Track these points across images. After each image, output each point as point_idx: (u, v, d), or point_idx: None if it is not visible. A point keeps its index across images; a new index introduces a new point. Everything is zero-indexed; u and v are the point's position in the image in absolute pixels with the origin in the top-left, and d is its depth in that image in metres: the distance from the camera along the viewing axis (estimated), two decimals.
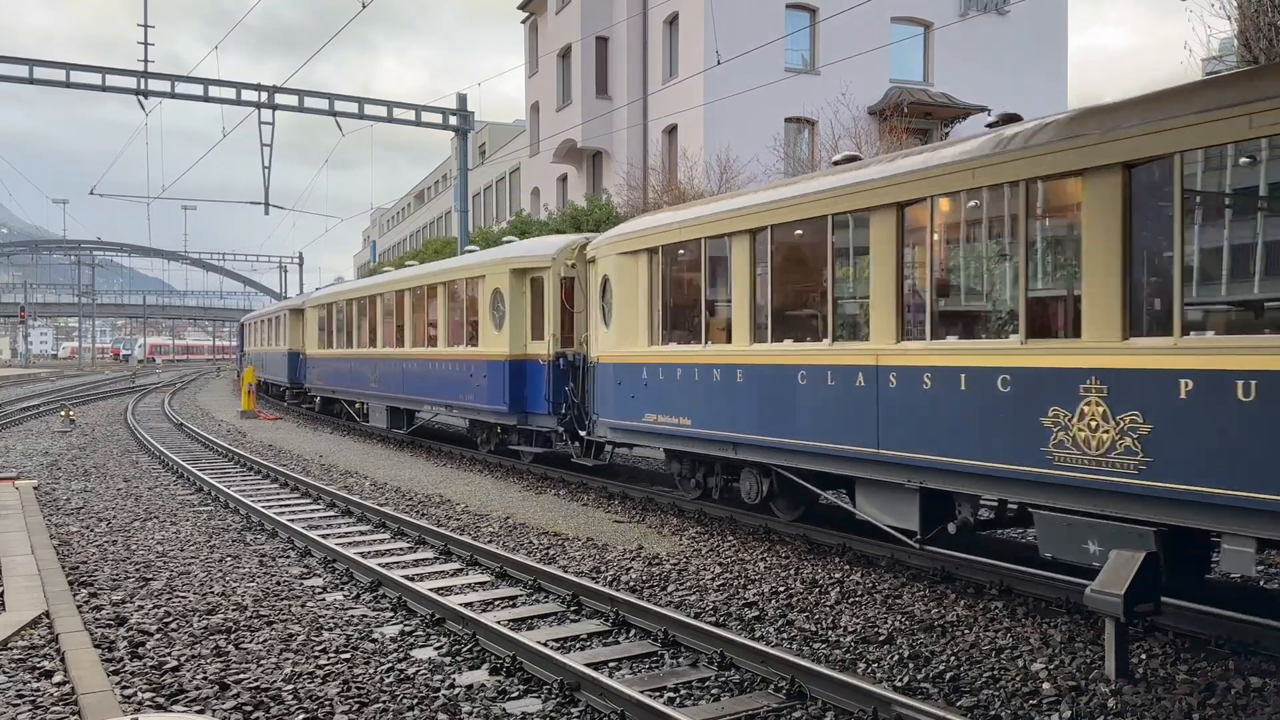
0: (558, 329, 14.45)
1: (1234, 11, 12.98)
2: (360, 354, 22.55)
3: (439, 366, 17.71)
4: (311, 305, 27.54)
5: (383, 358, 20.80)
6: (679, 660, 6.51)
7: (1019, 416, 6.81)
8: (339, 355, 24.50)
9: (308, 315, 27.79)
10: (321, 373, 26.33)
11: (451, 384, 17.04)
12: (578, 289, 14.34)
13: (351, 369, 23.17)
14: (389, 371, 20.31)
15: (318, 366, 26.70)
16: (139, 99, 25.86)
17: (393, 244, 75.03)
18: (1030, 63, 31.32)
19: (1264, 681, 5.85)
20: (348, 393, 23.90)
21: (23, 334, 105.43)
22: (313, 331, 27.06)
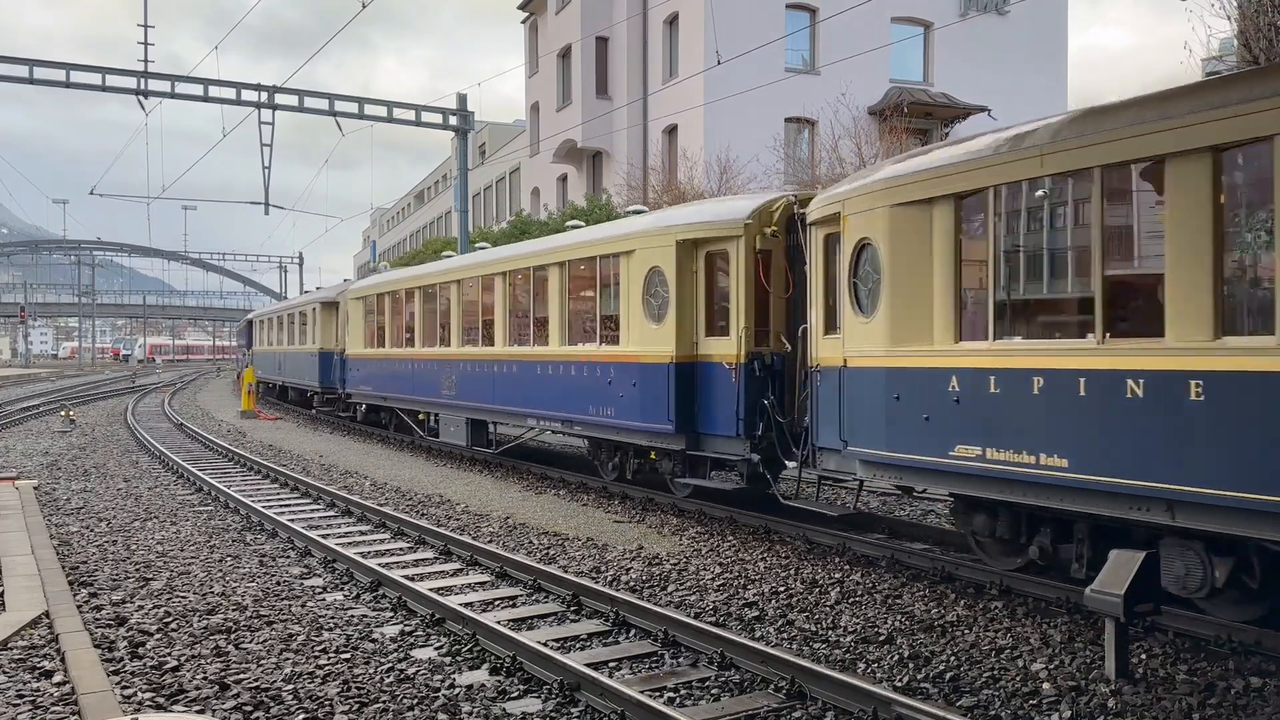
0: (750, 321, 10.59)
1: (1234, 11, 12.99)
2: (428, 354, 18.32)
3: (555, 371, 13.76)
4: (354, 296, 22.78)
5: (465, 359, 16.74)
6: (679, 660, 6.50)
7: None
8: (394, 356, 20.06)
9: (348, 309, 23.39)
10: (367, 376, 21.79)
11: (575, 393, 13.15)
12: (774, 265, 10.66)
13: (414, 372, 18.86)
14: (473, 376, 16.32)
15: (362, 369, 22.15)
16: (139, 99, 25.85)
17: (393, 244, 75.04)
18: (1030, 63, 31.32)
19: (1264, 681, 5.86)
20: (407, 401, 19.55)
21: (23, 334, 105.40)
22: (355, 327, 22.60)
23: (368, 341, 21.96)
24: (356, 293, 22.86)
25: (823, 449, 9.36)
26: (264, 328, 36.74)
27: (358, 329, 22.57)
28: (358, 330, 22.55)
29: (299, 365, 29.19)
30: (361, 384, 22.27)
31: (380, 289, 21.27)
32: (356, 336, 22.62)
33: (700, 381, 11.13)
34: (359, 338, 22.40)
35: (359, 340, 22.39)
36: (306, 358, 27.92)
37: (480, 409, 16.24)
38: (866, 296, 8.54)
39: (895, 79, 30.17)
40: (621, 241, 12.48)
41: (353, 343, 22.80)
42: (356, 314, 22.70)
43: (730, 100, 26.27)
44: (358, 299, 22.61)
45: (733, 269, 10.76)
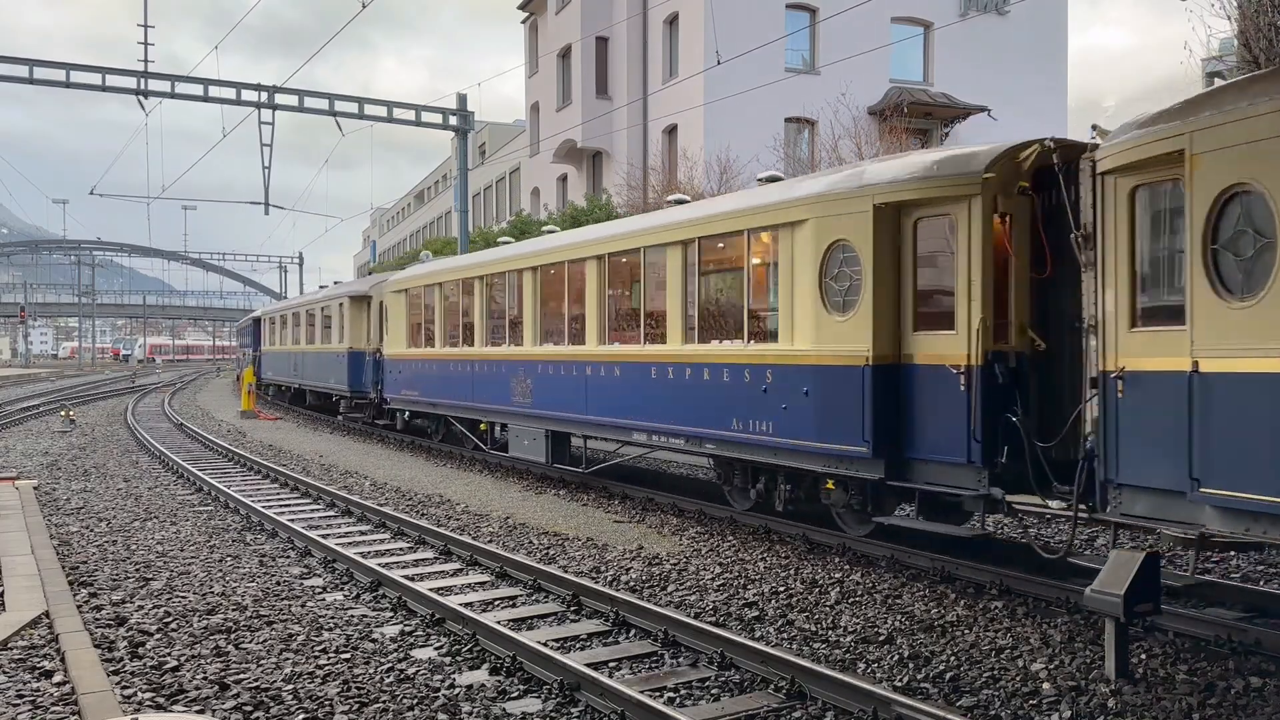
0: (987, 310, 7.94)
1: (1234, 11, 12.99)
2: (494, 354, 15.73)
3: (676, 376, 11.17)
4: (395, 289, 20.06)
5: (545, 360, 14.12)
6: (679, 660, 6.50)
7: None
8: (449, 356, 17.43)
9: (386, 303, 20.77)
10: (412, 379, 18.93)
11: (707, 403, 10.60)
12: (1018, 235, 8.05)
13: (475, 375, 16.27)
14: (555, 380, 13.75)
15: (404, 371, 19.30)
16: (139, 99, 25.86)
17: (393, 244, 75.06)
18: (1030, 63, 31.33)
19: (1264, 681, 5.86)
20: (465, 408, 16.89)
21: (23, 334, 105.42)
22: (397, 324, 19.81)
23: (413, 340, 19.28)
24: (398, 285, 19.99)
25: (1127, 487, 6.73)
26: (275, 326, 33.77)
27: (399, 326, 19.75)
28: (399, 327, 19.73)
29: (322, 367, 26.25)
30: (405, 388, 19.38)
31: (430, 279, 18.44)
32: (398, 334, 19.77)
33: (908, 390, 8.46)
34: (400, 336, 19.64)
35: (400, 339, 19.64)
36: (331, 359, 25.12)
37: (565, 420, 13.65)
38: (1246, 271, 5.93)
39: (895, 79, 30.18)
40: (782, 210, 9.68)
41: (392, 342, 20.04)
42: (398, 309, 19.83)
43: (730, 100, 26.27)
44: (399, 292, 19.83)
45: (960, 240, 8.04)
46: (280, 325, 32.79)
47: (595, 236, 13.51)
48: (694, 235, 11.14)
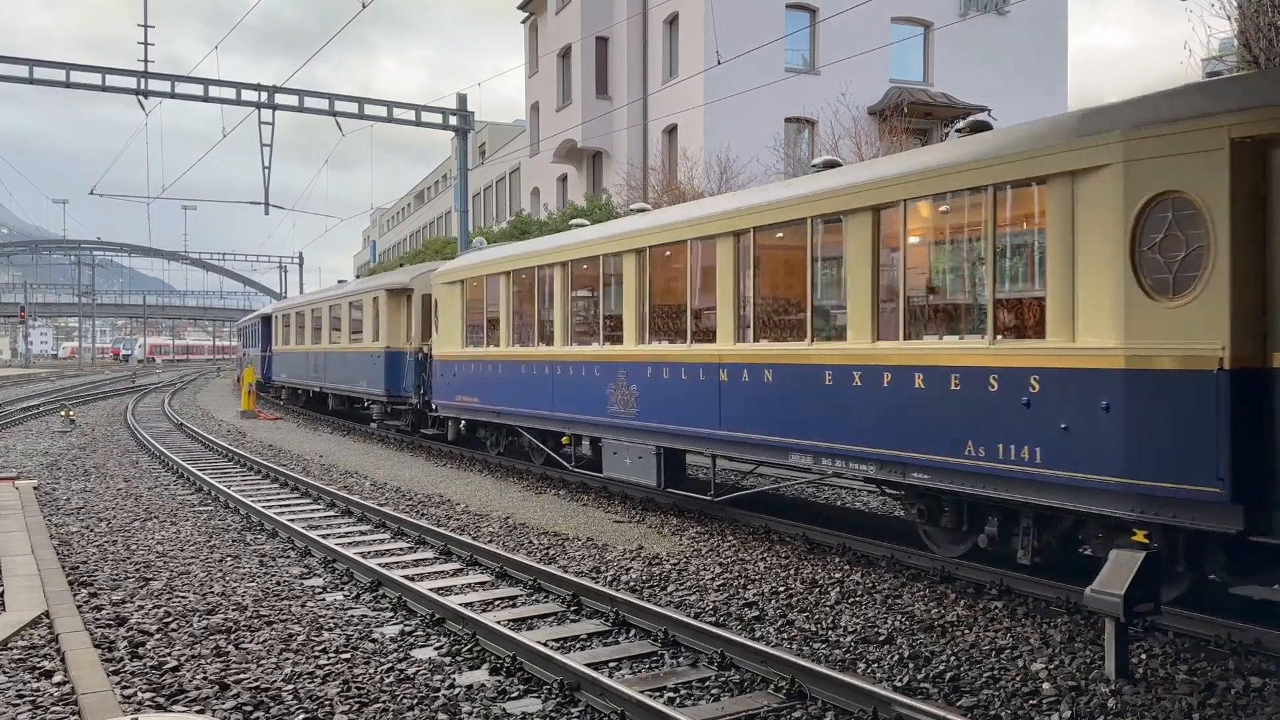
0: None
1: (1234, 11, 12.99)
2: (584, 355, 13.00)
3: (866, 382, 8.53)
4: (446, 280, 17.41)
5: (654, 360, 11.49)
6: (679, 660, 6.50)
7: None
8: (519, 357, 14.67)
9: (435, 296, 17.95)
10: (471, 383, 16.25)
11: (913, 418, 8.05)
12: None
13: (556, 379, 13.58)
14: (671, 387, 11.15)
15: (460, 374, 16.63)
16: (139, 99, 25.86)
17: (393, 244, 75.07)
18: (1030, 63, 31.34)
19: (1264, 681, 5.86)
20: (541, 419, 14.17)
21: (23, 334, 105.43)
22: (450, 320, 17.15)
23: (470, 338, 16.54)
24: (451, 275, 17.26)
25: None
26: (289, 325, 31.18)
27: (453, 322, 17.09)
28: (453, 324, 17.07)
29: (350, 368, 23.31)
30: (461, 393, 16.63)
31: (495, 268, 15.71)
32: (451, 332, 17.09)
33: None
34: (455, 333, 16.98)
35: (454, 337, 16.98)
36: (363, 360, 22.19)
37: (685, 435, 11.01)
38: None
39: (895, 79, 30.19)
40: (1052, 156, 7.00)
41: (445, 340, 17.32)
42: (451, 303, 17.19)
43: (730, 100, 26.28)
44: (452, 283, 17.11)
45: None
46: (295, 323, 30.17)
47: (733, 208, 10.49)
48: (894, 198, 8.26)
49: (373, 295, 22.08)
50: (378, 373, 21.12)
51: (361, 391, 22.90)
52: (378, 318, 21.49)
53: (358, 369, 22.79)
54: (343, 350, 24.64)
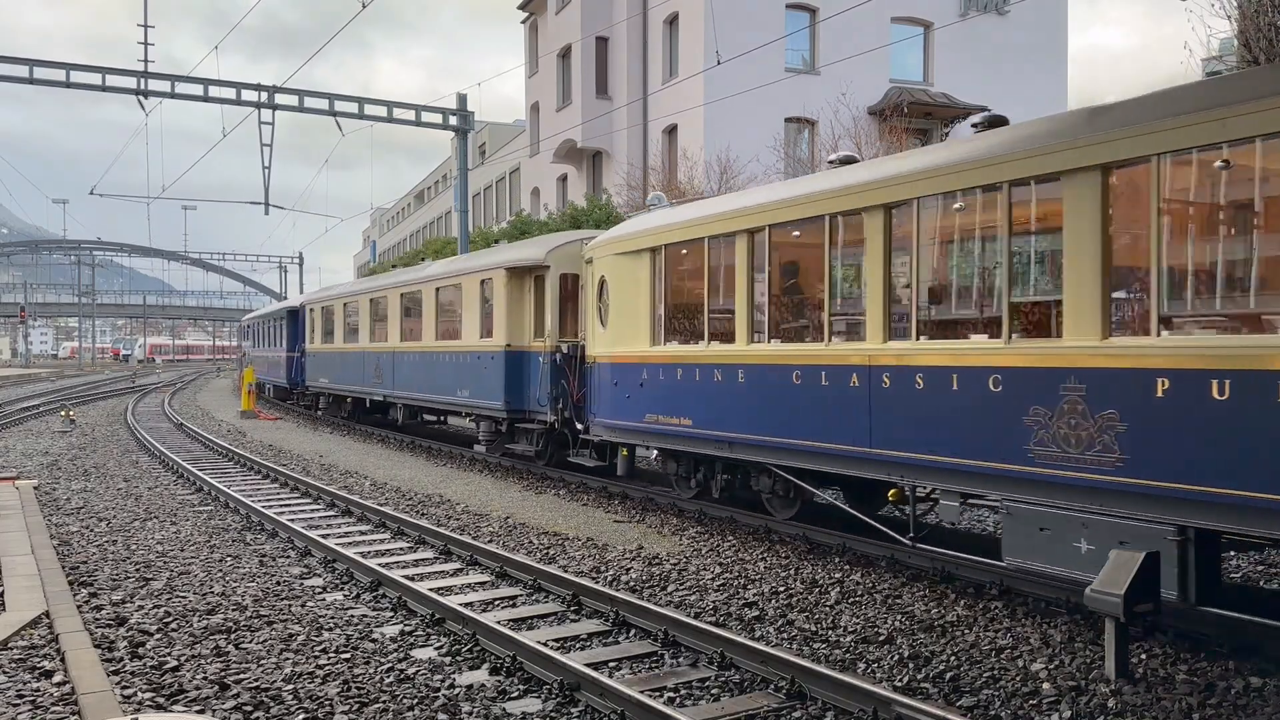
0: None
1: (1234, 11, 12.98)
2: (967, 355, 7.63)
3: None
4: (623, 250, 12.41)
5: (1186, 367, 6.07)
6: (679, 660, 6.50)
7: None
8: (785, 357, 9.60)
9: (602, 273, 12.91)
10: (674, 396, 11.24)
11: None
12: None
13: (878, 393, 8.38)
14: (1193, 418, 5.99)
15: (651, 381, 11.70)
16: (139, 99, 25.85)
17: (393, 244, 75.08)
18: (1030, 63, 31.34)
19: (1264, 681, 5.85)
20: (841, 457, 8.86)
21: (23, 334, 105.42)
22: (631, 305, 12.18)
23: (669, 330, 11.58)
24: (636, 240, 12.12)
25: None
26: (332, 318, 25.99)
27: (636, 309, 11.97)
28: (636, 311, 11.97)
29: (442, 373, 18.01)
30: (654, 410, 11.47)
31: (721, 225, 10.57)
32: (632, 322, 12.04)
33: None
34: (638, 324, 11.90)
35: (637, 329, 11.90)
36: (466, 362, 16.97)
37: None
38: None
39: (895, 79, 30.19)
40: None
41: (618, 334, 12.35)
42: (632, 280, 12.05)
43: (730, 100, 26.28)
44: (636, 253, 11.97)
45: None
46: (343, 317, 24.95)
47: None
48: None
49: (482, 276, 16.71)
50: (491, 379, 15.87)
51: (460, 403, 17.47)
52: (490, 306, 16.29)
53: (454, 374, 17.48)
54: (426, 349, 19.14)
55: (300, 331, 29.49)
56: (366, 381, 22.71)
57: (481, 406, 16.53)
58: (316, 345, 27.65)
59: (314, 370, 27.91)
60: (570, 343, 14.52)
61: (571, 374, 14.20)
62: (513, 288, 15.74)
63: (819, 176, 10.12)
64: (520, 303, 15.69)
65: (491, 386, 15.94)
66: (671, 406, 11.25)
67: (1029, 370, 7.06)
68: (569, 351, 14.37)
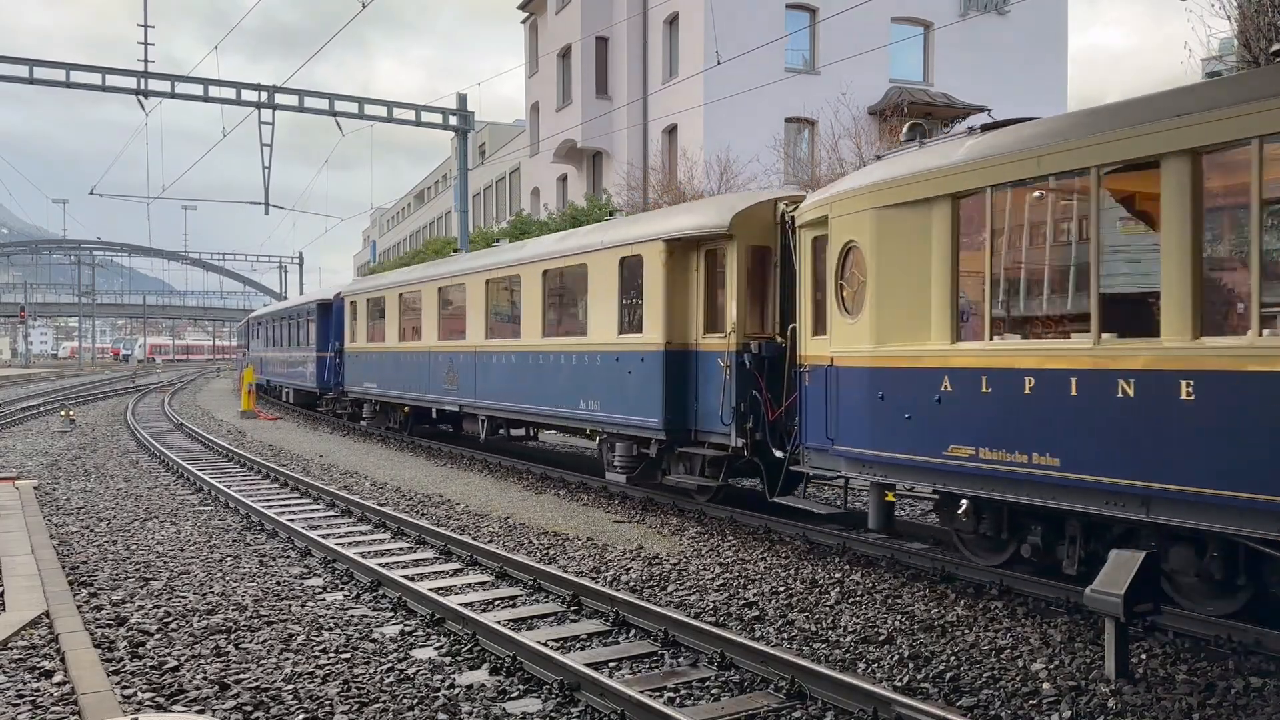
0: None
1: (1234, 11, 12.99)
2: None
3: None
4: (882, 202, 8.29)
5: None
6: (679, 660, 6.50)
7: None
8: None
9: (840, 233, 8.88)
10: (971, 416, 7.45)
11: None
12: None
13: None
14: None
15: (966, 393, 7.48)
16: (139, 99, 25.87)
17: (393, 244, 75.09)
18: (1030, 63, 31.34)
19: (1264, 681, 5.85)
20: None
21: (23, 334, 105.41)
22: (919, 280, 7.92)
23: (1001, 316, 7.57)
24: (932, 180, 7.81)
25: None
26: (382, 311, 21.91)
27: (918, 288, 7.96)
28: (922, 292, 7.93)
29: (558, 378, 14.16)
30: (967, 437, 7.52)
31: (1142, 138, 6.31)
32: (916, 309, 7.98)
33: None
34: (931, 313, 7.85)
35: (930, 319, 7.86)
36: (593, 366, 13.27)
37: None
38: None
39: (895, 79, 30.20)
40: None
41: (885, 328, 8.31)
42: (918, 239, 7.92)
43: (730, 100, 26.28)
44: (935, 200, 7.77)
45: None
46: (395, 310, 21.09)
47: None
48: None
49: (623, 253, 12.71)
50: (639, 387, 12.16)
51: (585, 418, 13.56)
52: (638, 291, 12.38)
53: (575, 380, 13.70)
54: (528, 349, 15.16)
55: (334, 328, 25.42)
56: (434, 388, 18.57)
57: (621, 423, 12.59)
58: (359, 344, 23.20)
59: (355, 373, 23.49)
60: (762, 340, 10.92)
61: (763, 381, 10.67)
62: (674, 266, 11.80)
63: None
64: (684, 286, 11.83)
65: (640, 397, 12.12)
66: (1008, 437, 7.22)
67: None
68: (762, 351, 10.76)
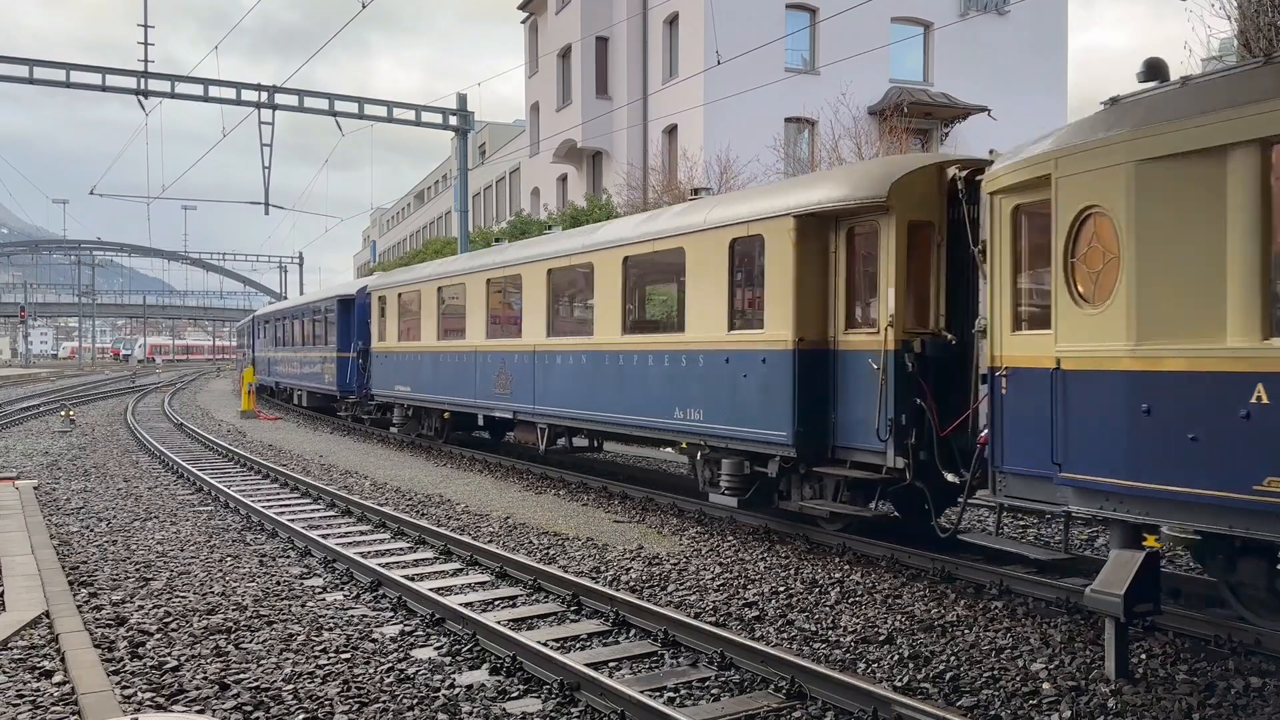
0: None
1: (1234, 11, 12.99)
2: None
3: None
4: (1197, 144, 5.44)
5: None
6: (679, 660, 6.50)
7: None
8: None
9: (1072, 195, 6.21)
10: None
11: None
12: None
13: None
14: None
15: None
16: (139, 99, 25.85)
17: (393, 244, 75.07)
18: (1030, 63, 31.34)
19: (1264, 681, 5.86)
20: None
21: (23, 334, 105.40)
22: (1215, 251, 5.37)
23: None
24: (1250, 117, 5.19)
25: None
26: (417, 307, 19.45)
27: (1214, 260, 5.42)
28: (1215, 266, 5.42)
29: (644, 381, 11.87)
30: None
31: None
32: (1213, 289, 5.43)
33: None
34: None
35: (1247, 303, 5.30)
36: (691, 367, 11.07)
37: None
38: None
39: (895, 79, 30.20)
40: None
41: (1162, 319, 5.67)
42: (1210, 199, 5.43)
43: (730, 100, 26.27)
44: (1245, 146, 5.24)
45: None
46: (434, 305, 18.62)
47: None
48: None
49: (735, 234, 10.47)
50: (760, 392, 9.93)
51: (681, 428, 11.23)
52: (759, 278, 10.24)
53: (668, 384, 11.42)
54: (606, 347, 12.57)
55: (356, 326, 23.15)
56: (481, 392, 16.27)
57: (731, 436, 10.40)
58: (389, 343, 20.58)
59: (384, 375, 20.97)
60: (925, 336, 8.95)
61: (930, 388, 8.76)
62: (807, 248, 9.55)
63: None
64: (820, 272, 9.60)
65: (761, 405, 9.91)
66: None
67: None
68: (926, 350, 8.87)
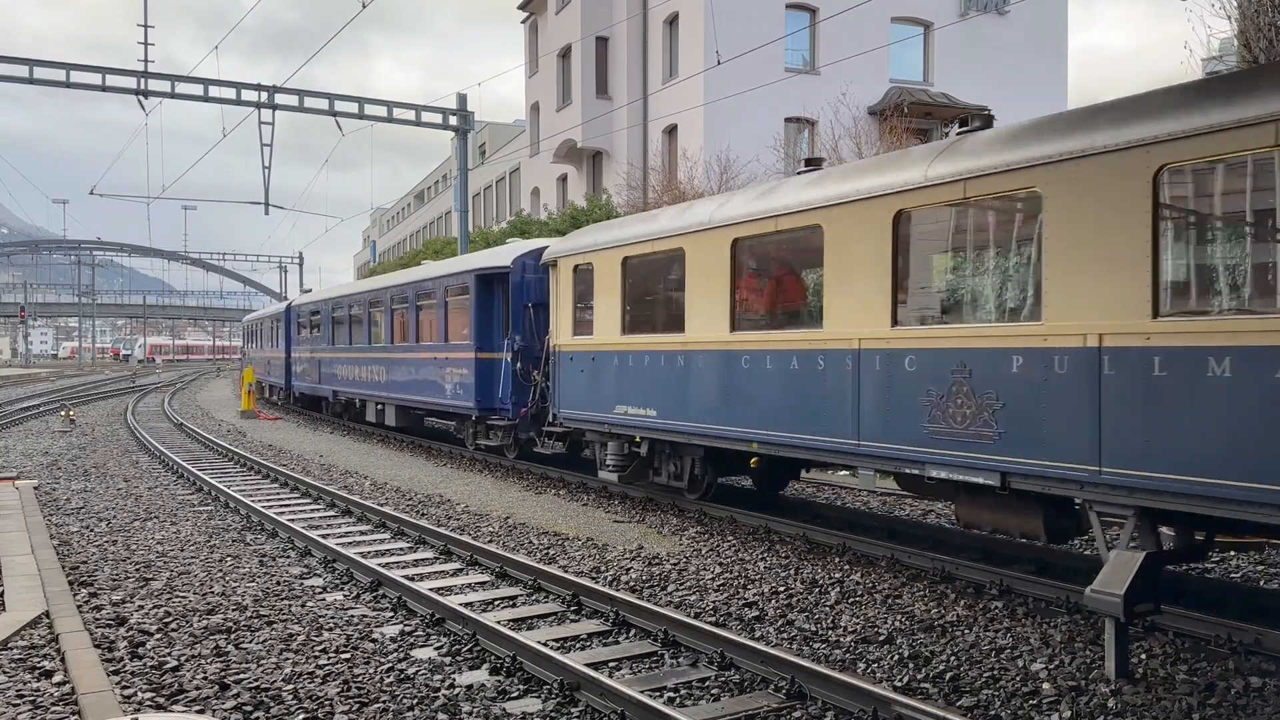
0: None
1: (1234, 11, 12.98)
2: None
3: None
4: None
5: None
6: (679, 660, 6.50)
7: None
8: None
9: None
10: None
11: None
12: None
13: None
14: None
15: None
16: (139, 99, 25.85)
17: (393, 244, 75.09)
18: (1030, 63, 31.35)
19: (1264, 681, 5.85)
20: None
21: (23, 334, 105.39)
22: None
23: None
24: None
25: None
26: (651, 280, 11.89)
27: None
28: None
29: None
30: None
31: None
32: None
33: None
34: None
35: None
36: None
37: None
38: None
39: (895, 79, 30.20)
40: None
41: None
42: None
43: (730, 100, 26.29)
44: None
45: None
46: (693, 274, 10.49)
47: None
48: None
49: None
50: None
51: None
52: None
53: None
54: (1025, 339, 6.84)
55: (515, 314, 15.67)
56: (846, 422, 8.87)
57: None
58: (597, 339, 12.46)
59: (583, 388, 12.85)
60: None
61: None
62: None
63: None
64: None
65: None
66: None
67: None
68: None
